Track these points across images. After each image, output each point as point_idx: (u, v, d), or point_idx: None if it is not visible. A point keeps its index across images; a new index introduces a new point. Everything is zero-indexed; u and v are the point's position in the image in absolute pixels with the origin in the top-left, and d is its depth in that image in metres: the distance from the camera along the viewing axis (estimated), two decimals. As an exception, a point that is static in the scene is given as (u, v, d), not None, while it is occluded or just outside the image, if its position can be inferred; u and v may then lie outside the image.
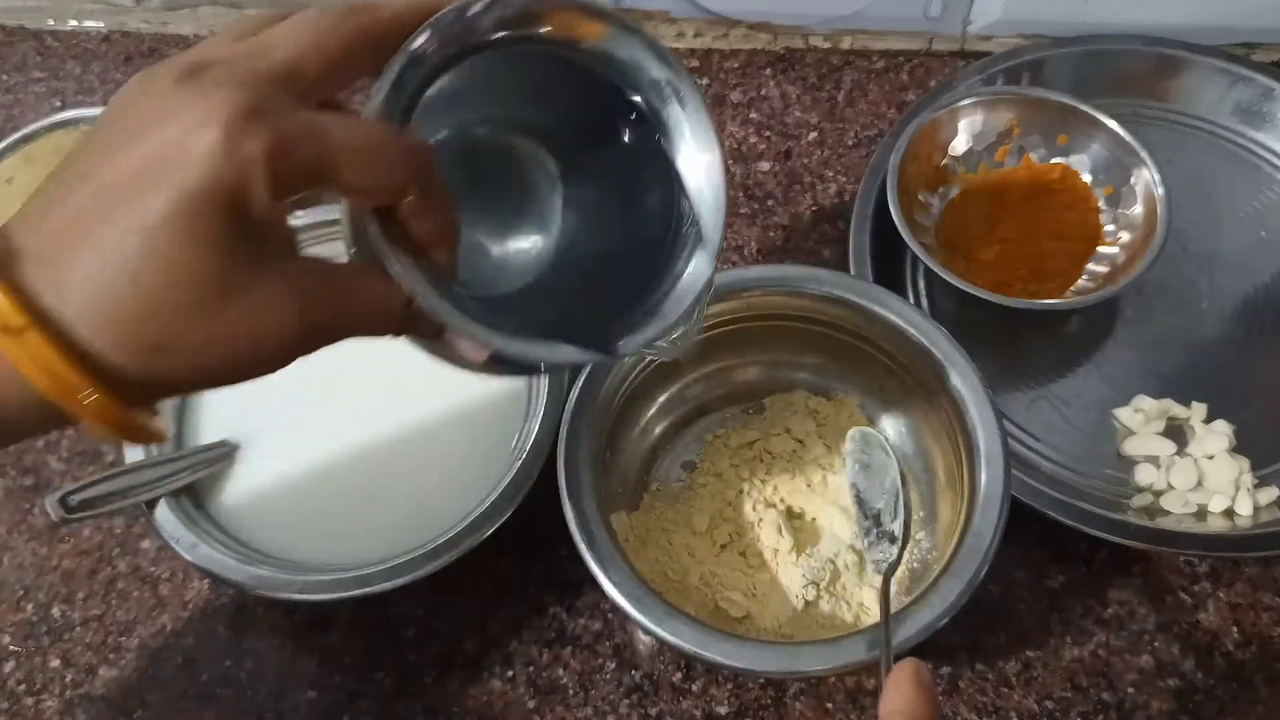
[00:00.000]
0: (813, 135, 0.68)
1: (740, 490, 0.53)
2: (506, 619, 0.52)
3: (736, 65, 0.71)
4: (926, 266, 0.56)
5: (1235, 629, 0.51)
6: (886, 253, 0.59)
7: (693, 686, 0.50)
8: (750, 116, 0.69)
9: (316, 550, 0.50)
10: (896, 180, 0.58)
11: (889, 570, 0.45)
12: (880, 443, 0.48)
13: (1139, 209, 0.58)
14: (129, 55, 0.74)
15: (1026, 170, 0.61)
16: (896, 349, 0.51)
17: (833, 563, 0.50)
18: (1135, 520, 0.51)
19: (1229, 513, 0.52)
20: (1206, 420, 0.55)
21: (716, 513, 0.52)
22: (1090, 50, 0.66)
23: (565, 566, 0.52)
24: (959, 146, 0.62)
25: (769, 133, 0.68)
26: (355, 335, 0.29)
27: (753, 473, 0.53)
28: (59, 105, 0.72)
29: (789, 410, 0.55)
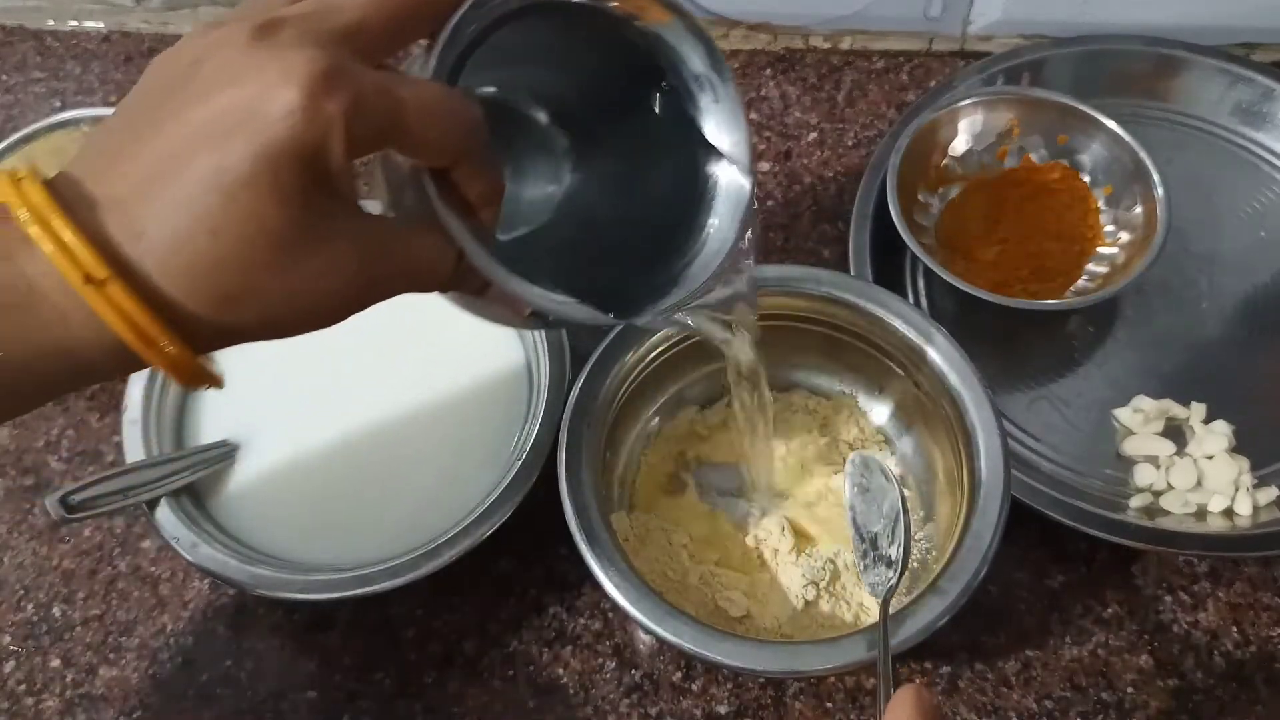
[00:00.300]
0: (813, 135, 0.68)
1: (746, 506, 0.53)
2: (506, 619, 0.52)
3: (737, 65, 0.71)
4: (926, 266, 0.56)
5: (1235, 629, 0.51)
6: (886, 253, 0.59)
7: (693, 686, 0.50)
8: (750, 117, 0.68)
9: (316, 550, 0.50)
10: (896, 180, 0.58)
11: (887, 594, 0.44)
12: (880, 467, 0.47)
13: (1139, 209, 0.58)
14: (129, 55, 0.74)
15: (1026, 170, 0.61)
16: (896, 349, 0.51)
17: (833, 563, 0.50)
18: (1135, 520, 0.51)
19: (1228, 513, 0.52)
20: (1206, 420, 0.55)
21: (718, 511, 0.52)
22: (1090, 50, 0.66)
23: (565, 566, 0.53)
24: (959, 147, 0.62)
25: (769, 133, 0.68)
26: (408, 291, 0.30)
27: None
28: (59, 105, 0.72)
29: (789, 410, 0.55)
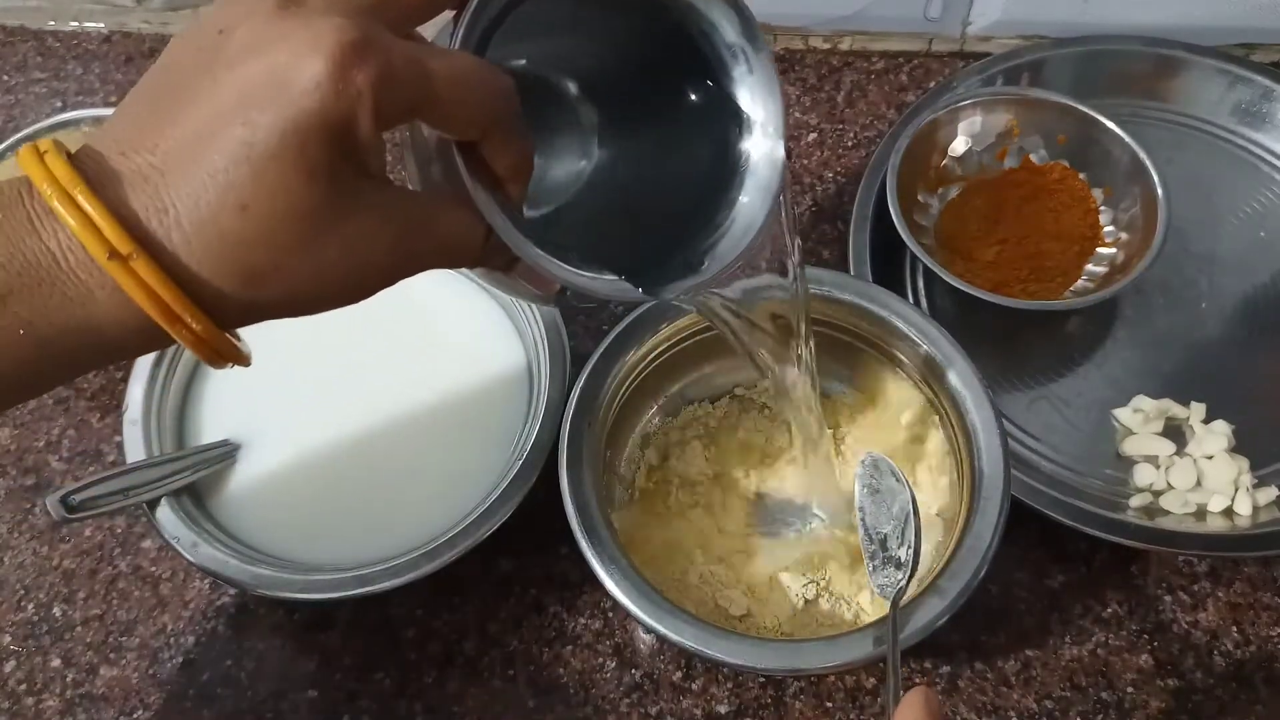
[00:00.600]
0: (813, 136, 0.68)
1: (741, 489, 0.53)
2: (506, 619, 0.52)
3: (736, 66, 0.71)
4: (926, 267, 0.56)
5: (1235, 629, 0.51)
6: (886, 253, 0.59)
7: (693, 685, 0.50)
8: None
9: (316, 550, 0.50)
10: (896, 181, 0.58)
11: (896, 596, 0.44)
12: (891, 469, 0.46)
13: (1138, 209, 0.58)
14: (130, 56, 0.74)
15: (1026, 171, 0.61)
16: (896, 349, 0.51)
17: (830, 567, 0.50)
18: (1135, 520, 0.52)
19: (1228, 512, 0.52)
20: (1206, 420, 0.55)
21: (717, 511, 0.52)
22: (1090, 51, 0.66)
23: (565, 566, 0.53)
24: (958, 147, 0.62)
25: (769, 133, 0.68)
26: (440, 266, 0.30)
27: (754, 473, 0.53)
28: (60, 106, 0.72)
29: (789, 410, 0.55)
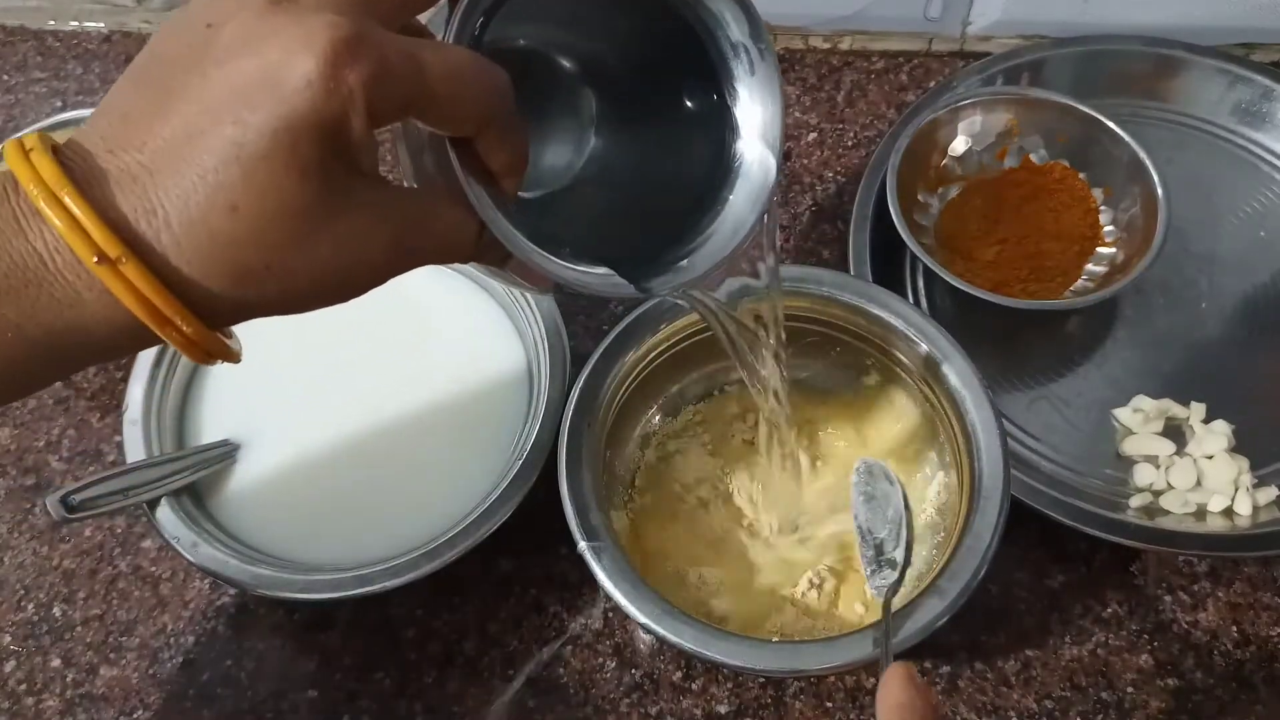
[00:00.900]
0: (813, 135, 0.68)
1: (741, 489, 0.53)
2: (506, 619, 0.52)
3: (736, 65, 0.71)
4: (926, 266, 0.56)
5: (1235, 629, 0.51)
6: (886, 253, 0.59)
7: (693, 685, 0.50)
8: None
9: (316, 550, 0.50)
10: (896, 180, 0.58)
11: (889, 593, 0.44)
12: (884, 472, 0.47)
13: (1138, 209, 0.58)
14: (130, 56, 0.74)
15: (1026, 170, 0.61)
16: (896, 349, 0.51)
17: (832, 569, 0.50)
18: (1134, 520, 0.52)
19: (1228, 512, 0.52)
20: (1205, 420, 0.55)
21: (717, 511, 0.52)
22: (1090, 50, 0.66)
23: (565, 566, 0.53)
24: (958, 147, 0.62)
25: (769, 133, 0.68)
26: (434, 263, 0.29)
27: (754, 473, 0.53)
28: (60, 106, 0.72)
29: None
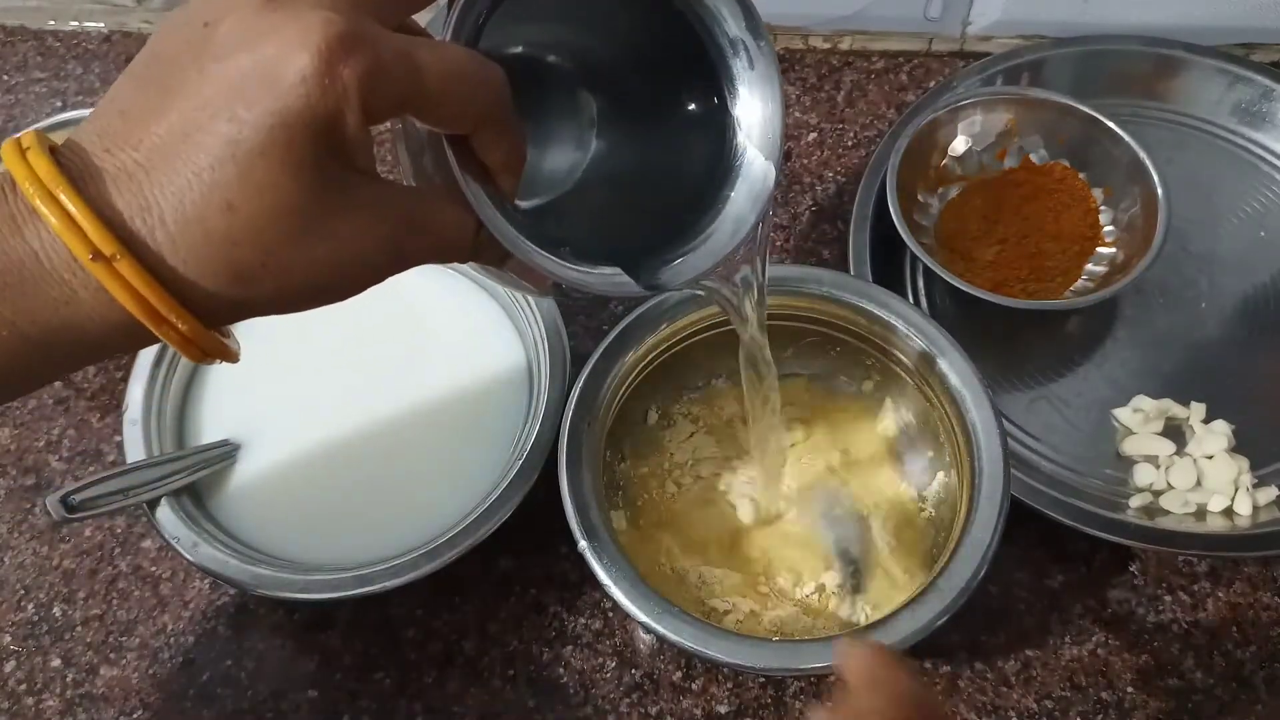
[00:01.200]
0: (812, 135, 0.68)
1: (742, 489, 0.53)
2: (506, 619, 0.52)
3: (736, 66, 0.71)
4: (926, 266, 0.56)
5: (1235, 629, 0.51)
6: (886, 253, 0.59)
7: (693, 685, 0.50)
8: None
9: (317, 549, 0.50)
10: (896, 180, 0.58)
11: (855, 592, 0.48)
12: (834, 492, 0.50)
13: (1138, 209, 0.58)
14: (130, 56, 0.74)
15: (1026, 170, 0.61)
16: (896, 349, 0.51)
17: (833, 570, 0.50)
18: (1135, 520, 0.52)
19: (1228, 512, 0.52)
20: (1205, 420, 0.55)
21: (716, 511, 0.52)
22: (1090, 50, 0.66)
23: (565, 566, 0.53)
24: (958, 147, 0.62)
25: (769, 133, 0.68)
26: (431, 262, 0.29)
27: (755, 472, 0.53)
28: (60, 106, 0.72)
29: (789, 409, 0.55)
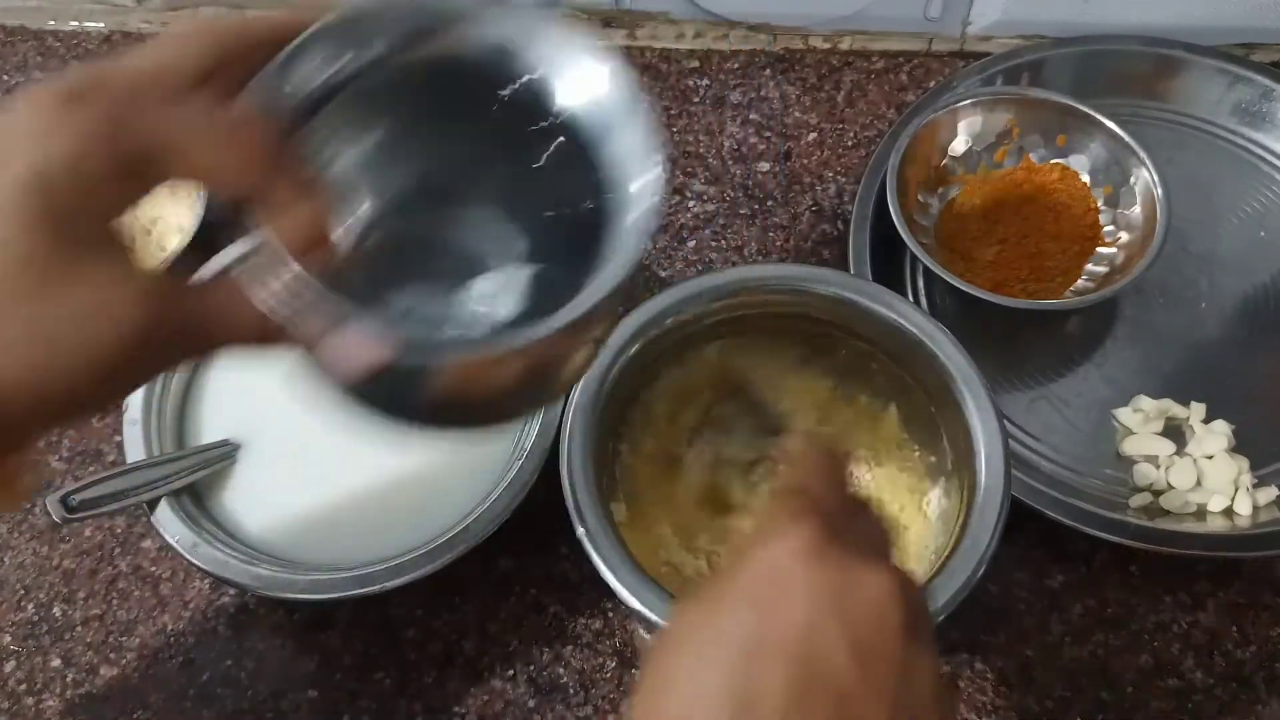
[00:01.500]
0: (812, 136, 0.68)
1: (740, 486, 0.53)
2: (506, 619, 0.52)
3: (736, 66, 0.71)
4: (926, 266, 0.56)
5: (1235, 629, 0.51)
6: (886, 253, 0.59)
7: (693, 686, 0.50)
8: (750, 117, 0.69)
9: (317, 550, 0.50)
10: (896, 181, 0.58)
11: None
12: None
13: (1138, 209, 0.58)
14: (130, 56, 0.74)
15: (1026, 171, 0.61)
16: (896, 348, 0.51)
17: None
18: (1135, 520, 0.52)
19: (1228, 512, 0.52)
20: (1206, 420, 0.55)
21: (718, 508, 0.52)
22: (1090, 50, 0.66)
23: (565, 566, 0.53)
24: (958, 147, 0.62)
25: (769, 133, 0.68)
26: (206, 349, 0.27)
27: (752, 470, 0.53)
28: (60, 106, 0.72)
29: (790, 409, 0.55)
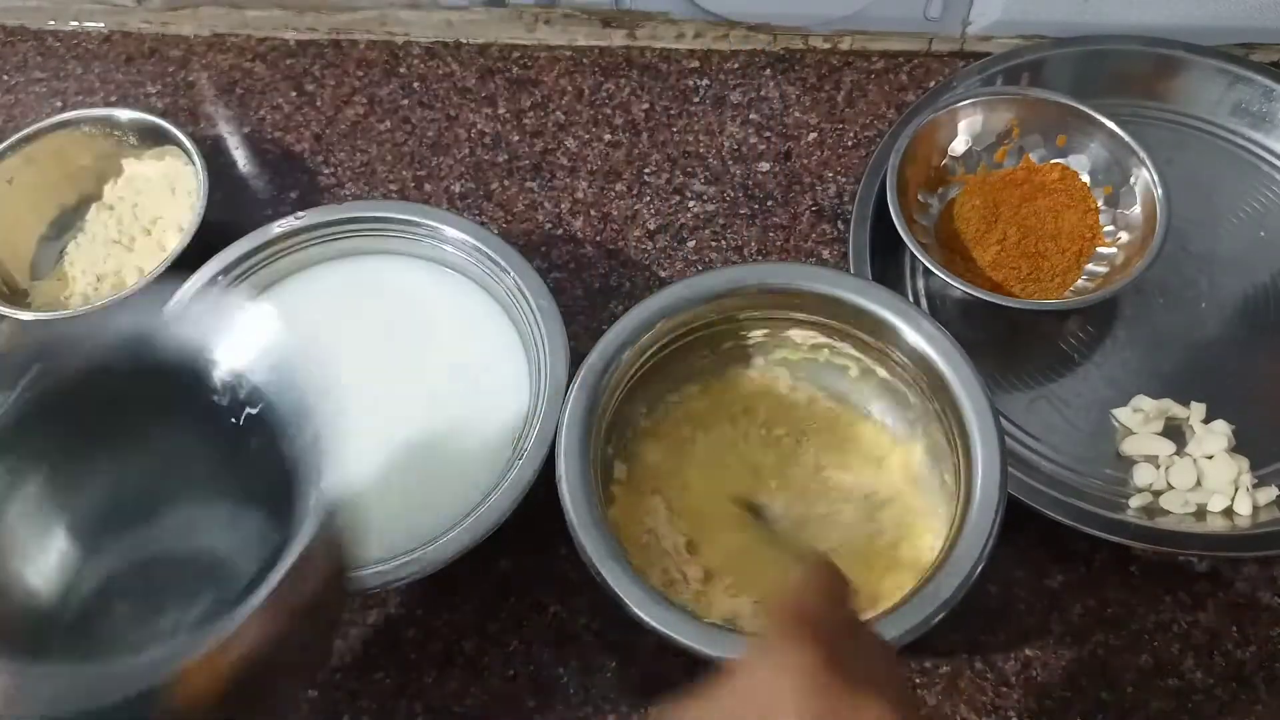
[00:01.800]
0: (812, 136, 0.68)
1: (742, 486, 0.53)
2: (506, 619, 0.52)
3: (736, 66, 0.71)
4: (926, 266, 0.56)
5: (1235, 629, 0.51)
6: (886, 253, 0.59)
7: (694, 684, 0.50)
8: (750, 117, 0.69)
9: (317, 550, 0.50)
10: (896, 181, 0.58)
11: None
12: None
13: (1138, 209, 0.58)
14: (130, 56, 0.74)
15: (1026, 171, 0.61)
16: (895, 348, 0.51)
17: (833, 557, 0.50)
18: (1135, 520, 0.52)
19: (1228, 512, 0.52)
20: (1205, 420, 0.55)
21: (717, 509, 0.52)
22: (1090, 50, 0.66)
23: (565, 566, 0.53)
24: (958, 147, 0.62)
25: (769, 133, 0.68)
26: None
27: (755, 471, 0.53)
28: (60, 106, 0.72)
29: (789, 409, 0.55)
